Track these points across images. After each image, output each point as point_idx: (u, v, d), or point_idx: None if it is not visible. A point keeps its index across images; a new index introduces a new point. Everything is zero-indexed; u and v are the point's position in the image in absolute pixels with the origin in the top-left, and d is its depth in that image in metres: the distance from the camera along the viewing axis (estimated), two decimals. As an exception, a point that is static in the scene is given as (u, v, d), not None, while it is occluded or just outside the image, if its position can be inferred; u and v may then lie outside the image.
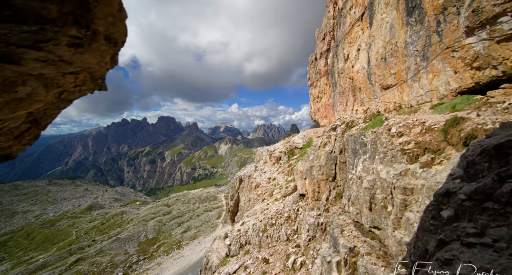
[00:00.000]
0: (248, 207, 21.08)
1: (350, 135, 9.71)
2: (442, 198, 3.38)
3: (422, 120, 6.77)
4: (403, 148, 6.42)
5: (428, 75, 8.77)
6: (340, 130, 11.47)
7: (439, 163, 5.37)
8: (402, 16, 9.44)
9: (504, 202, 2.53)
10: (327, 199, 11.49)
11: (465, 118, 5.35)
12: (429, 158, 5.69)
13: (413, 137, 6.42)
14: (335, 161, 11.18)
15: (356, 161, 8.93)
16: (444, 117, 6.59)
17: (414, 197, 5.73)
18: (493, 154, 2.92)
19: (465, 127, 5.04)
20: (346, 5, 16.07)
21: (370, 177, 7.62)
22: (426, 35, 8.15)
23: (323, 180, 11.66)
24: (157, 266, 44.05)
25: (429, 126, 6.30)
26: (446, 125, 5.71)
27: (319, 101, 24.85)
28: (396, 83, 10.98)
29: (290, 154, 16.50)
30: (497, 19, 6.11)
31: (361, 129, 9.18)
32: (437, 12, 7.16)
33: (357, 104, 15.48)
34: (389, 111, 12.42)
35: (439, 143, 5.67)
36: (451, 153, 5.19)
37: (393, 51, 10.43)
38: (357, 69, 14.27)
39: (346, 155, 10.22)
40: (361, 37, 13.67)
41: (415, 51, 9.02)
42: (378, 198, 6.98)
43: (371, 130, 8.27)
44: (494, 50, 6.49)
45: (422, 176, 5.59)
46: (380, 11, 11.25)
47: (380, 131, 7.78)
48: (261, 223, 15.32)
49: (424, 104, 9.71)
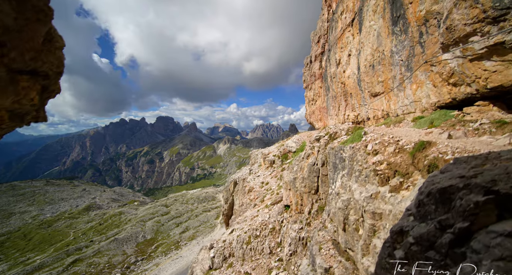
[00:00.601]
0: (241, 212, 20.64)
1: (331, 148, 9.50)
2: (396, 236, 3.22)
3: (397, 139, 6.72)
4: (376, 169, 6.28)
5: (412, 86, 8.86)
6: (323, 142, 11.20)
7: (407, 188, 5.23)
8: (388, 25, 9.49)
9: (444, 253, 2.41)
10: (309, 212, 11.15)
11: (431, 143, 5.30)
12: (398, 181, 5.54)
13: (386, 157, 6.30)
14: (317, 174, 10.85)
15: (335, 176, 8.71)
16: (418, 135, 6.69)
17: (383, 222, 5.54)
18: (438, 197, 2.81)
19: (429, 154, 4.98)
20: (337, 10, 16.04)
21: (345, 196, 7.39)
22: (410, 45, 8.25)
23: (305, 192, 11.35)
24: (155, 266, 44.10)
25: (401, 146, 6.22)
26: (414, 149, 5.63)
27: (314, 104, 25.10)
28: (383, 91, 10.97)
29: (284, 158, 16.33)
30: (469, 38, 6.17)
31: (341, 143, 9.08)
32: (419, 23, 7.27)
33: (348, 109, 15.45)
34: (377, 118, 12.36)
35: (408, 166, 5.54)
36: (417, 178, 5.07)
37: (381, 59, 10.44)
38: (348, 74, 14.26)
39: (328, 168, 9.96)
40: (351, 43, 13.65)
41: (400, 61, 9.08)
42: (351, 219, 6.75)
43: (349, 145, 8.18)
44: (468, 68, 6.59)
45: (390, 201, 5.43)
46: (368, 18, 11.29)
47: (357, 148, 7.68)
48: (246, 235, 15.10)
49: (409, 114, 9.69)
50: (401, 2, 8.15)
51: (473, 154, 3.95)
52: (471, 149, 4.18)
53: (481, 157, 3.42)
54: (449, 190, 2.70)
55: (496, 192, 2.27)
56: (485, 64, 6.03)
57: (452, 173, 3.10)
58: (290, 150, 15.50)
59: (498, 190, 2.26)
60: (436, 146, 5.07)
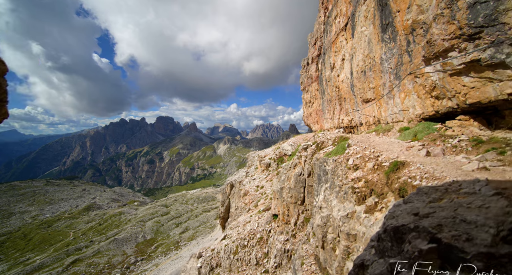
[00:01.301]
0: (235, 216, 20.37)
1: (317, 159, 9.33)
2: (358, 270, 3.05)
3: (377, 154, 6.70)
4: (354, 186, 6.13)
5: (400, 95, 8.87)
6: (310, 151, 10.99)
7: (380, 209, 5.10)
8: (378, 31, 9.48)
9: None
10: (295, 223, 10.94)
11: (405, 164, 5.27)
12: (373, 201, 5.37)
13: (365, 173, 6.20)
14: (303, 184, 10.64)
15: (319, 189, 8.51)
16: (399, 149, 6.79)
17: (357, 244, 5.31)
18: (392, 236, 2.66)
19: (401, 177, 4.93)
20: (332, 14, 16.00)
21: (325, 212, 7.14)
22: (398, 53, 8.24)
23: (292, 203, 11.10)
24: (154, 267, 44.24)
25: (380, 162, 6.14)
26: (389, 168, 5.53)
27: (311, 106, 25.13)
28: (374, 97, 10.94)
29: (279, 161, 16.11)
30: (448, 53, 6.16)
31: (326, 155, 8.96)
32: (407, 32, 7.30)
33: (343, 113, 15.40)
34: (369, 125, 12.36)
35: (383, 186, 5.38)
36: (391, 200, 4.96)
37: (372, 65, 10.44)
38: (342, 79, 14.23)
39: (313, 179, 9.74)
40: (345, 47, 13.62)
41: (389, 68, 9.08)
42: (329, 237, 6.53)
43: (332, 158, 8.07)
44: (448, 82, 6.57)
45: (364, 223, 5.26)
46: (360, 23, 11.28)
47: (339, 161, 7.55)
48: (233, 244, 14.90)
49: (397, 123, 9.70)
50: (389, 10, 8.17)
51: (438, 182, 4.01)
52: (439, 175, 4.23)
53: (442, 188, 3.45)
54: (401, 230, 2.59)
55: (439, 240, 2.16)
56: (464, 79, 6.03)
57: (412, 206, 3.08)
58: (286, 153, 15.35)
59: (441, 238, 2.16)
60: (408, 168, 5.07)
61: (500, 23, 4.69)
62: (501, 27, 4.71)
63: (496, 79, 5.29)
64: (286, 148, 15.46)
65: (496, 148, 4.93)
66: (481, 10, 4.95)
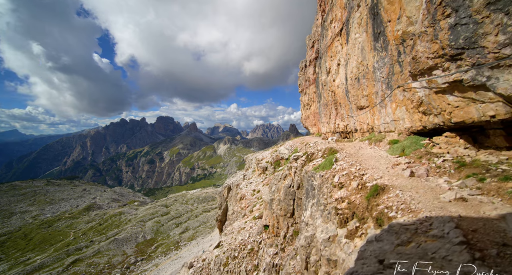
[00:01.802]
0: (231, 220, 20.08)
1: (306, 171, 9.20)
2: None
3: (362, 172, 6.63)
4: (337, 207, 5.95)
5: (392, 105, 8.74)
6: (300, 162, 10.91)
7: (360, 236, 4.89)
8: (371, 40, 9.34)
9: None
10: (284, 236, 10.69)
11: (385, 189, 5.21)
12: (354, 225, 5.18)
13: (349, 193, 6.08)
14: (293, 196, 10.46)
15: (307, 203, 8.32)
16: (385, 166, 6.77)
17: (337, 271, 5.07)
18: None
19: (380, 204, 4.87)
20: (327, 18, 15.79)
21: (309, 232, 6.89)
22: (390, 63, 8.12)
23: (281, 215, 10.88)
24: (154, 267, 44.44)
25: (364, 182, 6.08)
26: (370, 193, 5.41)
27: (309, 108, 25.19)
28: (368, 105, 10.84)
29: (276, 165, 15.95)
30: (432, 71, 6.09)
31: (314, 168, 8.80)
32: (397, 42, 7.20)
33: (338, 118, 15.32)
34: (363, 132, 12.35)
35: (364, 210, 5.22)
36: (370, 226, 4.78)
37: (365, 73, 10.36)
38: (337, 84, 14.21)
39: (302, 192, 9.59)
40: (340, 52, 13.53)
41: (381, 77, 8.95)
42: (312, 259, 6.29)
43: (319, 173, 7.92)
44: (433, 99, 6.49)
45: (344, 249, 5.03)
46: (354, 30, 11.17)
47: (326, 177, 7.41)
48: (224, 256, 14.66)
49: (389, 133, 9.57)
50: (381, 19, 8.08)
51: (412, 216, 4.03)
52: (414, 207, 4.24)
53: (413, 227, 3.51)
54: None
55: None
56: (448, 98, 5.97)
57: (381, 248, 3.16)
58: (283, 157, 15.19)
59: None
60: (388, 194, 5.03)
61: (479, 46, 4.69)
62: (480, 50, 4.70)
63: (478, 100, 5.26)
64: (283, 151, 15.44)
65: (476, 173, 4.94)
66: (462, 32, 4.94)
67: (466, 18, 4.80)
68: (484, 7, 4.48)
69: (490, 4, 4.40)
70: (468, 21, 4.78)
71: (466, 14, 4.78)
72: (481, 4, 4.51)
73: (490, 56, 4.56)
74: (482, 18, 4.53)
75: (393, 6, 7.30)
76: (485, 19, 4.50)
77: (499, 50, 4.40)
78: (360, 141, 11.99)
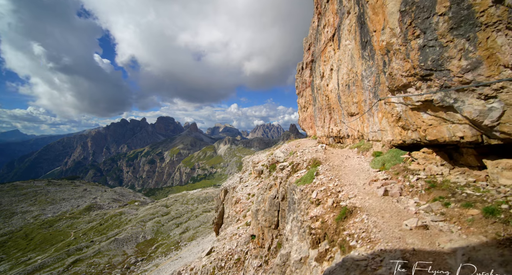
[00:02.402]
0: (226, 225, 19.78)
1: (290, 183, 9.07)
2: None
3: (339, 189, 6.65)
4: (311, 226, 5.83)
5: (378, 114, 8.71)
6: (285, 173, 10.79)
7: (328, 260, 4.78)
8: (359, 48, 9.34)
9: None
10: (269, 248, 10.54)
11: (353, 213, 5.20)
12: (325, 248, 5.05)
13: (324, 211, 5.98)
14: (278, 208, 10.31)
15: (288, 217, 8.14)
16: (363, 183, 6.77)
17: None
18: None
19: (346, 228, 4.83)
20: (321, 22, 15.77)
21: (285, 249, 6.72)
22: (376, 72, 8.13)
23: (266, 226, 10.70)
24: (154, 267, 44.65)
25: (339, 200, 6.05)
26: (339, 216, 5.36)
27: (306, 111, 25.35)
28: (358, 112, 10.85)
29: (272, 168, 15.55)
30: (407, 89, 6.18)
31: (296, 181, 8.70)
32: (382, 52, 7.14)
33: (332, 123, 15.33)
34: (354, 138, 12.39)
35: (333, 232, 5.12)
36: (338, 250, 4.68)
37: (355, 80, 10.33)
38: (331, 89, 14.19)
39: (286, 204, 9.40)
40: (333, 57, 13.47)
41: (369, 86, 8.98)
42: None
43: (300, 187, 7.85)
44: (410, 116, 6.58)
45: (313, 272, 4.89)
46: (344, 36, 11.10)
47: (305, 192, 7.34)
48: (211, 266, 14.47)
49: (376, 142, 9.52)
50: (367, 28, 8.05)
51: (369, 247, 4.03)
52: (374, 237, 4.24)
53: (363, 264, 3.54)
54: None
55: None
56: (423, 116, 6.06)
57: None
58: (278, 160, 14.84)
59: None
60: (354, 218, 5.03)
61: (446, 69, 4.82)
62: (447, 73, 4.83)
63: (449, 121, 5.39)
64: (278, 154, 15.49)
65: (443, 197, 4.97)
66: (430, 54, 5.07)
67: (433, 41, 4.96)
68: (448, 32, 4.64)
69: (453, 29, 4.55)
70: (434, 44, 4.93)
71: (433, 37, 4.94)
72: (445, 28, 4.67)
73: (455, 80, 4.70)
74: (447, 42, 4.68)
75: (378, 17, 7.26)
76: (449, 43, 4.65)
77: (462, 75, 4.56)
78: (350, 148, 12.12)
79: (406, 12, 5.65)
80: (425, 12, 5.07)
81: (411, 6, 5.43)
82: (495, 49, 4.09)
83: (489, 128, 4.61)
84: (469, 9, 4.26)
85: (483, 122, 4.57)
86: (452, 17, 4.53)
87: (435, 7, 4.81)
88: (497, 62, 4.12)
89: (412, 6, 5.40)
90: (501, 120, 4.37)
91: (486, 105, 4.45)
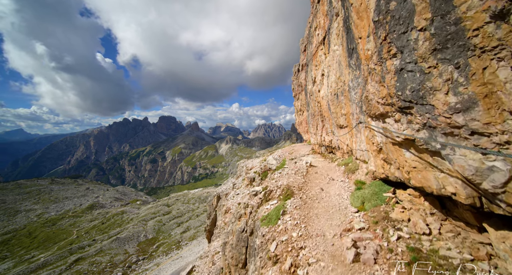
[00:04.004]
0: (214, 237, 18.51)
1: (257, 218, 8.08)
2: None
3: (301, 245, 5.72)
4: None
5: (365, 132, 7.41)
6: (256, 201, 9.48)
7: None
8: (346, 55, 8.18)
9: None
10: None
11: None
12: None
13: (283, 271, 5.24)
14: (246, 244, 8.76)
15: (252, 259, 7.15)
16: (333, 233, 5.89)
17: None
18: None
19: None
20: (313, 24, 14.48)
21: None
22: (363, 85, 6.88)
23: (233, 265, 9.11)
24: (156, 266, 45.10)
25: (297, 265, 5.36)
26: None
27: (302, 114, 24.95)
28: (347, 125, 9.82)
29: (264, 176, 14.28)
30: (385, 119, 5.09)
31: (261, 219, 7.66)
32: (368, 63, 6.63)
33: (324, 131, 14.43)
34: (343, 153, 11.43)
35: None
36: None
37: (343, 89, 9.27)
38: (322, 95, 13.23)
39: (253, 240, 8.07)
40: (324, 62, 12.31)
41: (355, 99, 7.88)
42: None
43: (262, 230, 6.95)
44: (391, 151, 5.29)
45: None
46: (333, 41, 9.93)
47: (267, 239, 6.50)
48: None
49: (362, 163, 8.59)
50: (353, 34, 6.97)
51: None
52: None
53: None
54: None
55: None
56: (405, 154, 4.83)
57: None
58: (271, 167, 14.27)
59: None
60: None
61: (429, 104, 3.66)
62: (430, 109, 3.66)
63: (437, 168, 4.11)
64: (271, 161, 15.15)
65: None
66: (408, 81, 3.97)
67: (411, 64, 3.87)
68: (430, 54, 3.49)
69: (437, 51, 3.38)
70: (414, 68, 3.84)
71: (412, 58, 3.84)
72: (427, 49, 3.52)
73: (442, 120, 3.52)
74: (429, 67, 3.57)
75: (362, 22, 5.95)
76: (433, 69, 3.52)
77: (451, 115, 3.36)
78: (338, 164, 11.47)
79: (379, 22, 4.46)
80: (401, 25, 3.89)
81: (385, 15, 4.26)
82: (496, 86, 2.84)
83: (490, 194, 3.35)
84: (458, 25, 3.02)
85: (481, 184, 3.32)
86: (435, 34, 3.34)
87: (413, 18, 3.61)
88: (499, 105, 2.85)
89: (387, 16, 4.22)
90: (508, 188, 3.04)
91: (484, 162, 3.19)
